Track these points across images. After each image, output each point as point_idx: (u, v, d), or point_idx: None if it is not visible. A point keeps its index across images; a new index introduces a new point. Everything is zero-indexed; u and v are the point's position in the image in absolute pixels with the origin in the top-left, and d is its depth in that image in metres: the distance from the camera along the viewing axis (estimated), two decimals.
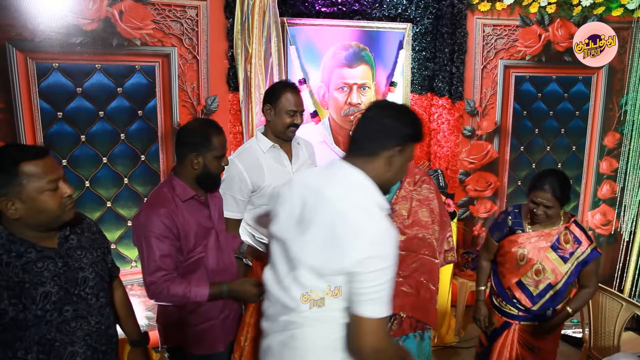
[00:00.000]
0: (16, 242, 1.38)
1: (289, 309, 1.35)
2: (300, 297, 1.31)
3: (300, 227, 1.34)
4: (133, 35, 2.82)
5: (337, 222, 1.26)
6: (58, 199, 1.40)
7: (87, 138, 2.83)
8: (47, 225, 1.43)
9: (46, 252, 1.43)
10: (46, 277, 1.40)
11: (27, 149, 1.40)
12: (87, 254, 1.54)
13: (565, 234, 2.22)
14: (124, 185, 2.97)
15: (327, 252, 1.26)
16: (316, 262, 1.29)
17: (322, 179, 1.39)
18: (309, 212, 1.33)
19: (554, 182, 2.13)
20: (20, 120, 2.64)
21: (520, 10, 3.52)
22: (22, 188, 1.34)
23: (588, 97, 3.83)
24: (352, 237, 1.23)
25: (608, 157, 3.92)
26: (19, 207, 1.35)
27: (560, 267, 2.21)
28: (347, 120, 3.48)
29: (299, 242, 1.33)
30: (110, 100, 2.85)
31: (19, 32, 2.54)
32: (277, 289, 1.40)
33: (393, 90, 3.52)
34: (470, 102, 3.62)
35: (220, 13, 3.01)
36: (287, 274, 1.37)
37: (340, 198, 1.30)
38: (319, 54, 3.35)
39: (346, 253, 1.23)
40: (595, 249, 2.23)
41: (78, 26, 2.67)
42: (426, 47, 3.53)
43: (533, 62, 3.66)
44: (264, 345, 1.46)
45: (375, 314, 1.24)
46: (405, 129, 1.35)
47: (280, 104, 2.23)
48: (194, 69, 3.02)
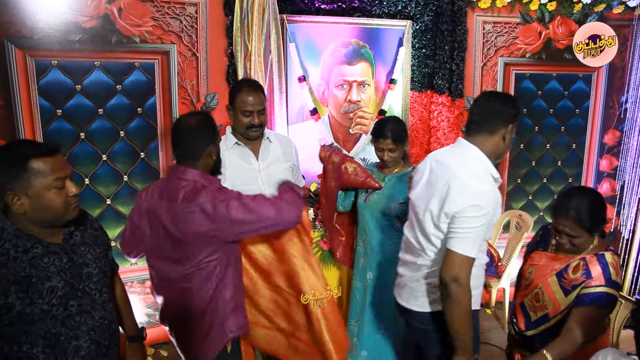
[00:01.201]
0: (23, 237, 1.41)
1: (420, 256, 1.86)
2: (427, 248, 1.81)
3: (428, 188, 1.81)
4: (132, 32, 2.82)
5: (451, 182, 1.70)
6: (63, 197, 1.43)
7: (87, 135, 2.83)
8: (51, 222, 1.45)
9: (52, 247, 1.45)
10: (52, 272, 1.43)
11: (38, 146, 1.43)
12: (90, 250, 1.56)
13: (578, 263, 1.82)
14: (124, 182, 2.97)
15: (441, 203, 1.71)
16: (435, 211, 1.74)
17: (447, 153, 1.87)
18: (434, 177, 1.80)
19: (581, 207, 1.77)
20: (20, 117, 2.64)
21: (520, 7, 3.51)
22: (29, 184, 1.36)
23: (588, 95, 3.82)
24: (458, 192, 1.67)
25: (608, 155, 3.92)
26: (25, 203, 1.37)
27: (559, 298, 1.84)
28: (346, 117, 3.48)
29: (425, 198, 1.80)
30: (110, 97, 2.85)
31: (17, 29, 2.54)
32: (413, 241, 1.89)
33: (393, 88, 3.51)
34: (470, 99, 3.62)
35: (219, 10, 3.01)
36: (419, 230, 1.85)
37: (456, 166, 1.74)
38: (319, 51, 3.34)
39: (453, 202, 1.67)
40: (606, 293, 1.73)
41: (77, 23, 2.67)
42: (426, 44, 3.52)
43: (533, 60, 3.66)
44: (400, 284, 1.99)
45: (461, 251, 1.65)
46: (512, 110, 1.76)
47: (236, 105, 2.22)
48: (193, 66, 3.02)
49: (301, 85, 3.33)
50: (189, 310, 1.80)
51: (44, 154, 1.38)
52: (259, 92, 2.28)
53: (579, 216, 1.76)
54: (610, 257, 1.79)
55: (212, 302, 1.79)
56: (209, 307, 1.79)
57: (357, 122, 3.51)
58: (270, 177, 2.33)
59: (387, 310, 2.39)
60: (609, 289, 1.74)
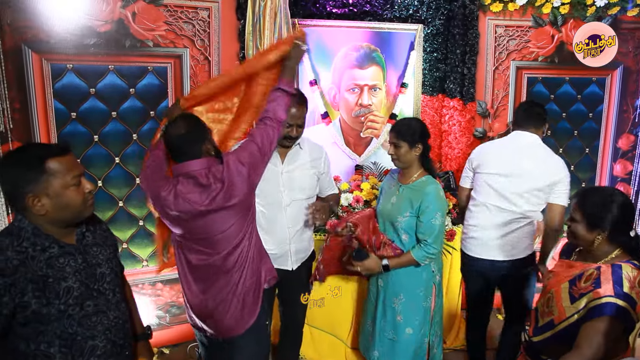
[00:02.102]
0: (41, 236, 1.43)
1: (520, 218, 2.55)
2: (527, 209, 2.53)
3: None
4: (146, 36, 2.85)
5: None
6: (82, 194, 1.46)
7: (100, 138, 2.86)
8: (71, 220, 1.49)
9: (67, 248, 1.48)
10: (68, 273, 1.45)
11: (50, 147, 1.46)
12: (102, 251, 1.59)
13: (592, 272, 1.71)
14: (136, 184, 3.00)
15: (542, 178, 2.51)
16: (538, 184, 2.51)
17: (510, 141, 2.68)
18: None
19: (587, 196, 1.76)
20: (35, 120, 2.68)
21: (532, 11, 3.50)
22: (48, 184, 1.39)
23: (602, 99, 3.78)
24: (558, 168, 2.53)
25: (622, 159, 3.87)
26: (46, 203, 1.40)
27: (565, 305, 1.75)
28: (357, 121, 3.48)
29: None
30: (123, 100, 2.89)
31: (35, 33, 2.58)
32: (512, 207, 2.55)
33: (404, 92, 3.51)
34: (481, 103, 3.60)
35: (231, 14, 3.03)
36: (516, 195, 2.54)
37: None
38: (330, 55, 3.36)
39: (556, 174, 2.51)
40: (614, 305, 1.59)
41: (92, 28, 2.71)
42: (437, 48, 3.52)
43: (546, 63, 3.63)
44: (498, 245, 2.59)
45: (564, 203, 2.50)
46: (545, 115, 2.70)
47: None
48: (205, 70, 3.05)
49: (312, 89, 3.34)
50: (230, 281, 1.95)
51: (58, 154, 1.42)
52: (304, 105, 2.28)
53: (582, 200, 1.73)
54: (629, 269, 1.65)
55: (245, 261, 1.97)
56: (244, 265, 1.97)
57: (368, 126, 3.51)
58: (292, 181, 2.34)
59: (390, 318, 2.43)
60: (618, 301, 1.59)
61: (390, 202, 2.40)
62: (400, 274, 2.37)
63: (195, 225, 1.87)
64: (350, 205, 3.08)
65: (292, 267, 2.41)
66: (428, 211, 2.25)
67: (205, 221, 1.85)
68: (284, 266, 2.39)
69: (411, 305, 2.39)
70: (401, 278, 2.38)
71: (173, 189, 1.84)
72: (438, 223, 2.27)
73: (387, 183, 2.54)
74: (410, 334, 2.39)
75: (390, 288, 2.41)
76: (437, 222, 2.26)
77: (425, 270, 2.38)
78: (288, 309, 2.59)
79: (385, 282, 2.43)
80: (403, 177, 2.41)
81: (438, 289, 2.46)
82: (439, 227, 2.28)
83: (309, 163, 2.41)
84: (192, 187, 1.83)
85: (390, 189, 2.47)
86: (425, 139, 2.34)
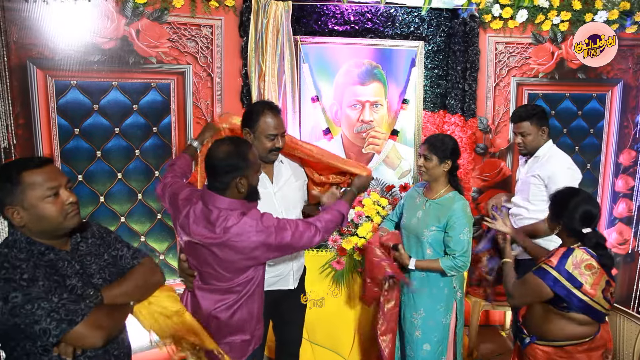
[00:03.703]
0: (36, 244, 1.47)
1: None
2: None
3: None
4: (149, 53, 2.88)
5: None
6: (59, 205, 1.47)
7: (103, 154, 2.87)
8: (52, 232, 1.50)
9: (62, 254, 1.52)
10: (70, 273, 1.50)
11: (30, 160, 1.48)
12: (96, 260, 1.60)
13: (554, 251, 2.07)
14: (138, 200, 3.00)
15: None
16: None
17: None
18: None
19: (556, 194, 2.11)
20: (39, 136, 2.69)
21: (532, 28, 3.53)
22: (24, 196, 1.42)
23: (602, 115, 3.79)
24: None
25: (624, 175, 3.87)
26: (23, 215, 1.44)
27: None
28: (359, 137, 3.49)
29: None
30: (126, 116, 2.90)
31: (40, 50, 2.61)
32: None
33: (405, 108, 3.53)
34: (482, 119, 3.61)
35: (234, 32, 3.07)
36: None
37: None
38: (332, 71, 3.38)
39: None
40: (543, 270, 1.96)
41: (96, 45, 2.74)
42: (438, 64, 3.55)
43: (546, 80, 3.65)
44: None
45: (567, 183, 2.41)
46: None
47: (259, 127, 2.14)
48: (208, 86, 3.07)
49: (314, 105, 3.36)
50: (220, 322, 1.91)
51: (35, 166, 1.45)
52: (280, 114, 2.25)
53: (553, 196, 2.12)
54: (580, 253, 1.94)
55: (238, 315, 1.92)
56: (236, 320, 1.92)
57: (369, 142, 3.52)
58: (285, 199, 2.32)
59: (409, 333, 2.47)
60: (552, 270, 1.93)
61: (416, 216, 2.45)
62: (422, 289, 2.41)
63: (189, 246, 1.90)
64: (352, 221, 3.08)
65: (293, 286, 2.39)
66: (456, 227, 2.31)
67: (197, 248, 1.87)
68: (286, 286, 2.36)
69: (430, 321, 2.41)
70: (422, 293, 2.41)
71: (190, 209, 1.85)
72: (466, 238, 2.33)
73: (411, 198, 2.58)
74: (427, 350, 2.40)
75: (412, 302, 2.44)
76: (465, 237, 2.33)
77: (447, 286, 2.42)
78: (286, 328, 2.54)
79: (408, 297, 2.45)
80: (429, 192, 2.46)
81: (459, 305, 2.48)
82: (467, 242, 2.34)
83: (293, 176, 2.38)
84: (201, 216, 1.81)
85: (415, 203, 2.51)
86: (455, 157, 2.41)
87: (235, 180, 1.78)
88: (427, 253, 2.40)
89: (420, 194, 2.52)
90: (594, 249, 1.96)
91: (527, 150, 2.82)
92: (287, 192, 2.34)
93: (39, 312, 1.34)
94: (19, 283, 1.35)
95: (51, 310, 1.35)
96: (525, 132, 2.77)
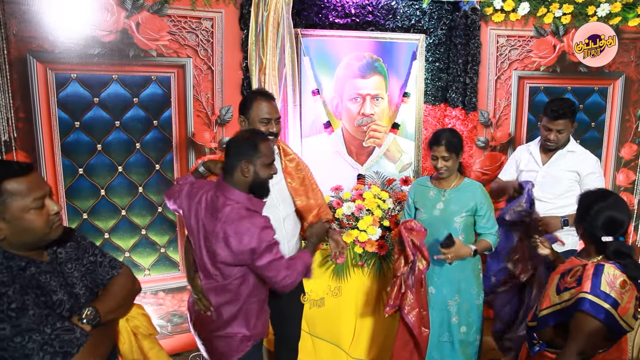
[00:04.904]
0: (15, 259, 1.35)
1: None
2: None
3: None
4: (149, 46, 2.87)
5: None
6: (45, 216, 1.36)
7: (103, 147, 2.87)
8: (35, 244, 1.39)
9: (43, 266, 1.40)
10: (55, 286, 1.39)
11: (9, 165, 1.35)
12: (76, 266, 1.51)
13: (579, 269, 1.85)
14: (139, 193, 3.01)
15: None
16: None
17: None
18: None
19: (582, 195, 1.96)
20: (39, 129, 2.69)
21: (534, 21, 3.51)
22: (5, 207, 1.29)
23: (604, 108, 3.78)
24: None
25: (625, 168, 3.87)
26: (4, 228, 1.31)
27: (550, 294, 1.91)
28: (360, 130, 3.49)
29: None
30: (126, 110, 2.90)
31: (39, 43, 2.60)
32: None
33: (406, 101, 3.52)
34: (484, 113, 3.61)
35: (235, 24, 3.05)
36: None
37: None
38: (333, 64, 3.37)
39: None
40: (587, 300, 1.71)
41: (96, 38, 2.73)
42: (439, 58, 3.54)
43: (548, 73, 3.64)
44: None
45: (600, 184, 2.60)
46: None
47: (252, 113, 2.19)
48: (208, 79, 3.06)
49: (315, 99, 3.35)
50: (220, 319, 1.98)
51: (17, 174, 1.31)
52: (274, 100, 2.29)
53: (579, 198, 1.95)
54: (612, 270, 1.75)
55: (241, 310, 1.97)
56: (239, 314, 1.97)
57: (370, 135, 3.51)
58: (282, 192, 2.33)
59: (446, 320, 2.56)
60: (592, 297, 1.70)
61: (437, 208, 2.53)
62: (456, 276, 2.51)
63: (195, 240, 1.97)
64: (353, 214, 3.08)
65: None
66: (484, 207, 2.49)
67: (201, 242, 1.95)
68: None
69: (465, 304, 2.53)
70: (459, 279, 2.52)
71: (204, 195, 1.95)
72: (493, 215, 2.53)
73: (421, 193, 2.63)
74: (464, 332, 2.53)
75: (444, 291, 2.53)
76: (493, 214, 2.52)
77: (476, 269, 2.56)
78: (285, 323, 2.56)
79: (439, 287, 2.53)
80: (443, 183, 2.56)
81: (482, 285, 2.63)
82: (495, 219, 2.54)
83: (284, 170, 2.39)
84: (210, 202, 1.90)
85: (429, 197, 2.58)
86: None
87: (241, 163, 1.86)
88: (460, 239, 2.45)
89: (432, 187, 2.59)
90: (616, 259, 1.78)
91: (557, 146, 2.76)
92: (283, 186, 2.34)
93: (30, 345, 1.23)
94: (6, 313, 1.22)
95: (44, 343, 1.25)
96: (563, 129, 2.69)
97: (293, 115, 3.17)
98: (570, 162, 2.76)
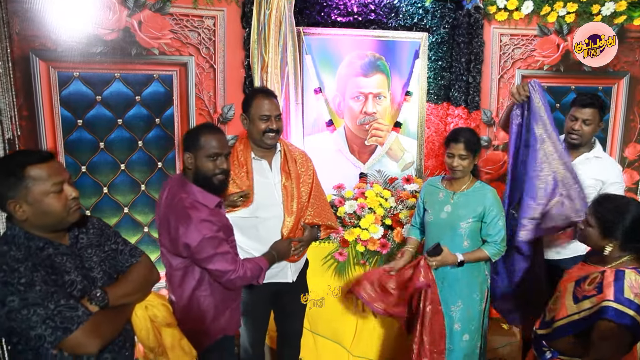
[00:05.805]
0: (34, 239, 1.47)
1: None
2: None
3: None
4: (151, 44, 2.88)
5: None
6: (63, 201, 1.47)
7: (106, 145, 2.88)
8: (54, 227, 1.50)
9: (62, 248, 1.52)
10: (69, 267, 1.50)
11: (32, 154, 1.48)
12: (96, 251, 1.61)
13: (596, 276, 1.79)
14: (141, 191, 3.02)
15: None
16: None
17: None
18: None
19: (603, 204, 1.84)
20: (42, 127, 2.71)
21: (538, 19, 3.49)
22: (28, 191, 1.42)
23: (608, 108, 3.76)
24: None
25: (629, 169, 3.84)
26: (26, 210, 1.43)
27: (567, 304, 1.85)
28: (362, 129, 3.48)
29: None
30: (129, 108, 2.91)
31: (42, 42, 2.62)
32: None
33: (409, 100, 3.51)
34: (486, 112, 3.59)
35: (237, 23, 3.06)
36: None
37: None
38: (335, 63, 3.37)
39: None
40: (612, 309, 1.66)
41: (98, 36, 2.74)
42: (442, 56, 3.52)
43: (551, 72, 3.62)
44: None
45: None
46: None
47: (253, 110, 2.22)
48: (210, 77, 3.07)
49: (317, 97, 3.35)
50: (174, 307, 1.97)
51: (39, 161, 1.44)
52: (274, 97, 2.30)
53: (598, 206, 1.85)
54: (633, 275, 1.72)
55: (191, 303, 1.97)
56: (190, 307, 1.97)
57: (372, 134, 3.51)
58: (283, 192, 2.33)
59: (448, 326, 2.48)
60: (616, 305, 1.67)
61: (444, 210, 2.46)
62: (459, 281, 2.44)
63: None
64: (355, 213, 3.08)
65: (292, 279, 2.40)
66: (492, 213, 2.39)
67: None
68: (284, 279, 2.38)
69: (468, 311, 2.45)
70: (460, 285, 2.44)
71: (170, 186, 2.01)
72: (502, 223, 2.42)
73: (431, 194, 2.57)
74: (466, 340, 2.46)
75: (448, 297, 2.45)
76: (502, 222, 2.42)
77: (480, 275, 2.47)
78: (287, 321, 2.57)
79: (443, 293, 2.45)
80: (454, 185, 2.49)
81: (489, 292, 2.54)
82: (504, 227, 2.43)
83: None
84: (169, 194, 1.96)
85: (438, 199, 2.51)
86: None
87: (184, 154, 1.93)
88: (464, 246, 2.40)
89: (442, 189, 2.52)
90: None
91: (581, 141, 2.60)
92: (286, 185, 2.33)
93: (35, 318, 1.35)
94: (16, 287, 1.35)
95: (46, 317, 1.36)
96: (589, 119, 2.55)
97: (295, 113, 3.18)
98: (596, 168, 2.60)
